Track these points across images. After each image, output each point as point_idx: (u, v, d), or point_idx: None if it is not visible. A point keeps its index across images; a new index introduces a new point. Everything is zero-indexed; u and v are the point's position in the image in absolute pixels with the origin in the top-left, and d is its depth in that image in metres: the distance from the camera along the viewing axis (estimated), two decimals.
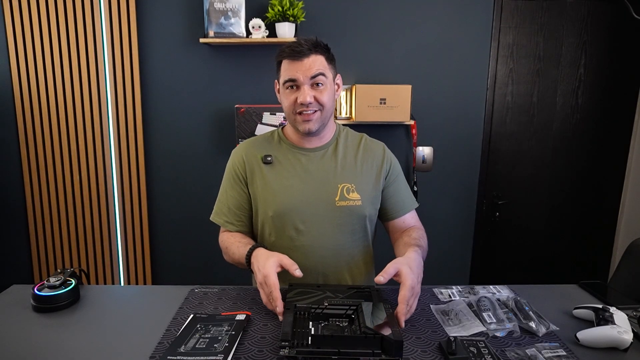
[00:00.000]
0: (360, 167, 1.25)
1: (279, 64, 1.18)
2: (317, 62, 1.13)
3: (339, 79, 1.24)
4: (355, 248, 1.25)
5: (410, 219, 1.31)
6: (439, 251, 2.52)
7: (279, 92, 1.23)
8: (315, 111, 1.15)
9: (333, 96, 1.20)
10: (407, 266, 0.97)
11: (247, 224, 1.28)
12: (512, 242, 2.57)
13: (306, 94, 1.12)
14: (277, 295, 0.96)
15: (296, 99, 1.14)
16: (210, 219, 1.30)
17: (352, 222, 1.22)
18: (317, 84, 1.14)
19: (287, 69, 1.14)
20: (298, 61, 1.12)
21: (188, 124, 2.36)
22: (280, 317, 0.95)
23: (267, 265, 1.00)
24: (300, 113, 1.15)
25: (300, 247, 1.20)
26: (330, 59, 1.19)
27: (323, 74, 1.14)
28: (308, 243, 1.20)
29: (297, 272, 1.00)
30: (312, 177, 1.22)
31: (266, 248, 1.13)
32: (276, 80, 1.23)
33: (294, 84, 1.14)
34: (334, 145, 1.27)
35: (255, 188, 1.23)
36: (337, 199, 1.20)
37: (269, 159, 1.23)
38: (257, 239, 1.29)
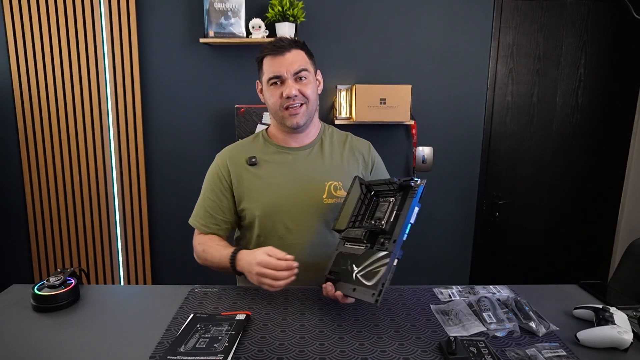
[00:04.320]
0: (347, 164, 1.26)
1: (261, 62, 1.20)
2: (299, 57, 1.17)
3: (319, 75, 1.26)
4: None
5: None
6: (439, 251, 2.52)
7: (261, 92, 1.25)
8: (302, 104, 1.18)
9: (316, 90, 1.23)
10: None
11: (222, 227, 1.27)
12: (512, 242, 2.57)
13: (291, 87, 1.15)
14: (280, 263, 1.00)
15: (281, 93, 1.16)
16: (189, 222, 1.30)
17: None
18: (301, 78, 1.17)
19: (271, 65, 1.16)
20: (280, 56, 1.15)
21: (188, 124, 2.36)
22: (294, 271, 1.01)
23: (257, 255, 1.03)
24: (287, 108, 1.17)
25: (290, 245, 1.20)
26: (310, 55, 1.22)
27: (305, 69, 1.17)
28: (297, 241, 1.21)
29: (288, 256, 1.02)
30: (298, 175, 1.23)
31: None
32: (258, 81, 1.26)
33: (278, 80, 1.16)
34: (320, 144, 1.28)
35: (242, 190, 1.23)
36: (324, 196, 1.21)
37: (253, 160, 1.24)
38: (242, 243, 1.30)
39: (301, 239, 1.21)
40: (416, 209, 0.97)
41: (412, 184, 1.01)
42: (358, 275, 0.96)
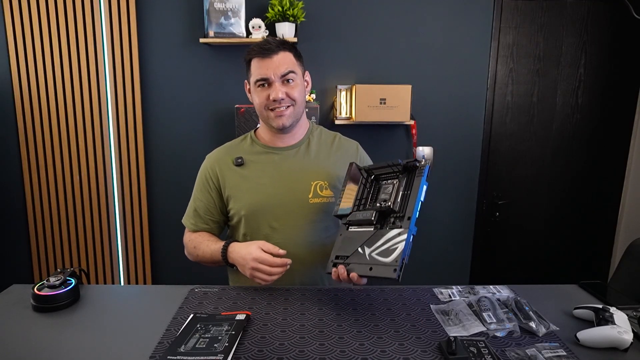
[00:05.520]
0: (334, 164, 1.26)
1: (249, 63, 1.20)
2: (286, 59, 1.17)
3: (307, 76, 1.27)
4: (329, 244, 1.25)
5: None
6: (439, 251, 2.53)
7: (249, 92, 1.26)
8: (288, 106, 1.18)
9: (304, 92, 1.23)
10: None
11: (211, 227, 1.30)
12: (512, 242, 2.57)
13: (278, 90, 1.15)
14: (276, 260, 1.05)
15: (268, 95, 1.17)
16: (182, 221, 1.33)
17: (325, 219, 1.23)
18: (288, 80, 1.17)
19: (258, 68, 1.17)
20: (267, 59, 1.15)
21: (188, 124, 2.36)
22: (287, 267, 1.07)
23: (252, 250, 1.07)
24: (272, 109, 1.18)
25: (275, 244, 1.20)
26: (298, 56, 1.22)
27: (293, 71, 1.17)
28: (282, 240, 1.21)
29: (281, 251, 1.07)
30: (284, 175, 1.23)
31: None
32: (246, 81, 1.26)
33: (265, 82, 1.17)
34: (307, 143, 1.29)
35: (229, 190, 1.25)
36: (310, 196, 1.22)
37: (240, 160, 1.25)
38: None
39: (286, 238, 1.21)
40: (425, 187, 1.00)
41: (417, 164, 1.04)
42: (373, 254, 0.97)
